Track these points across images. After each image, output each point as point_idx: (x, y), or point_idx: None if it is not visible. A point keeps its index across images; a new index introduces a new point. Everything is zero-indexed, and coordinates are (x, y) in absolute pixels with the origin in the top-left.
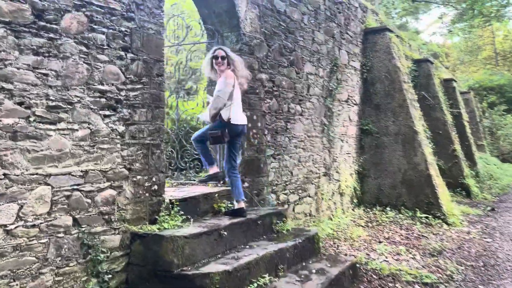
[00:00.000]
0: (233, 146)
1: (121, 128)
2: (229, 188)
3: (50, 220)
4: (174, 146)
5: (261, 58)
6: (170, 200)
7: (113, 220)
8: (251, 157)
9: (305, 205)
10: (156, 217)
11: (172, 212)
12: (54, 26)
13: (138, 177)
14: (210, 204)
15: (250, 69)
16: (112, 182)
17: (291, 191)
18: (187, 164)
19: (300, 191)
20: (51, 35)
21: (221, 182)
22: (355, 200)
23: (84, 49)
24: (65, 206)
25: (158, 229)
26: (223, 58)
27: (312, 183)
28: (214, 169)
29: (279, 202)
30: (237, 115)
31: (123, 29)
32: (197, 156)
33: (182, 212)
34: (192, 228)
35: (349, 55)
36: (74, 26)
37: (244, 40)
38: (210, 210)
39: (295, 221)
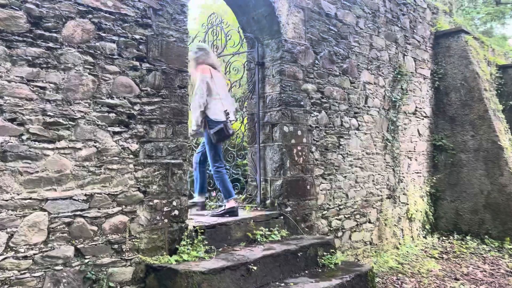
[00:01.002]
0: (219, 147)
1: (134, 146)
2: (267, 213)
3: (47, 251)
4: None
5: (306, 66)
6: (194, 227)
7: (124, 250)
8: (295, 177)
9: (365, 232)
10: (177, 246)
11: (196, 241)
12: (54, 34)
13: (155, 201)
14: (244, 232)
15: (293, 79)
16: (123, 207)
17: (346, 216)
18: None
19: (357, 216)
20: (50, 44)
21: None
22: (427, 227)
23: (90, 59)
24: (65, 234)
25: (176, 261)
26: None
27: (373, 207)
28: (231, 203)
29: (331, 229)
30: (222, 112)
31: (137, 37)
32: (236, 176)
33: (208, 242)
34: (214, 261)
35: (417, 62)
36: (78, 35)
37: (286, 47)
38: (244, 238)
39: (351, 251)
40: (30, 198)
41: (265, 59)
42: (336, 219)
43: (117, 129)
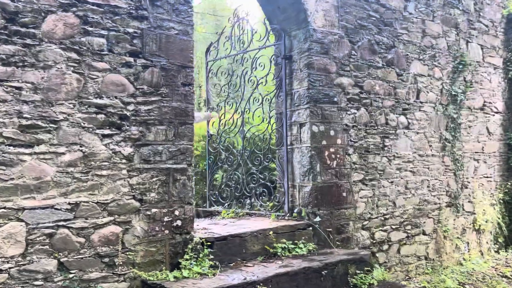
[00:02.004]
0: None
1: (127, 150)
2: (292, 223)
3: (25, 264)
4: (240, 170)
5: (340, 58)
6: (201, 239)
7: (116, 263)
8: (327, 183)
9: (418, 246)
10: (180, 260)
11: (201, 254)
12: (32, 30)
13: (154, 210)
14: (262, 245)
15: (324, 72)
16: (116, 216)
17: (393, 227)
18: (253, 191)
19: (408, 227)
20: (28, 41)
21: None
22: (500, 240)
23: (74, 56)
24: (46, 246)
25: (175, 277)
26: None
27: (429, 217)
28: None
29: (374, 241)
30: None
31: (130, 30)
32: (263, 181)
33: (218, 255)
34: (215, 280)
35: (484, 50)
36: (60, 30)
37: (315, 37)
38: (263, 252)
39: (401, 267)
40: (5, 208)
41: (293, 51)
42: (381, 230)
43: (107, 131)
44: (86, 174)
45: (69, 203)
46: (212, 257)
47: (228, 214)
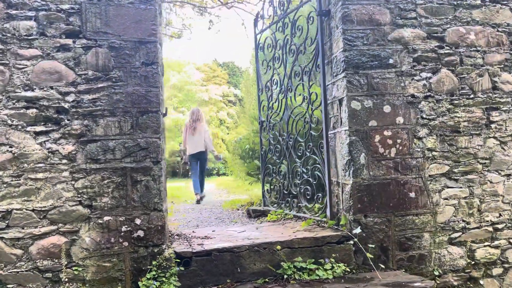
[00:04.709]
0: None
1: (68, 148)
2: (319, 235)
3: None
4: (286, 162)
5: (397, 1)
6: (175, 252)
7: (62, 280)
8: (379, 180)
9: None
10: (142, 280)
11: (167, 274)
12: None
13: (107, 218)
14: (265, 263)
15: (370, 25)
16: (59, 225)
17: None
18: (298, 188)
19: None
20: None
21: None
22: None
23: None
24: None
25: None
26: None
27: None
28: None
29: (474, 262)
30: (190, 149)
31: (65, 7)
32: (306, 177)
33: (196, 275)
34: None
35: None
36: None
37: None
38: (269, 272)
39: None
40: None
41: (331, 4)
42: (488, 246)
43: (40, 128)
44: (18, 178)
45: None
46: (177, 278)
47: (276, 215)
